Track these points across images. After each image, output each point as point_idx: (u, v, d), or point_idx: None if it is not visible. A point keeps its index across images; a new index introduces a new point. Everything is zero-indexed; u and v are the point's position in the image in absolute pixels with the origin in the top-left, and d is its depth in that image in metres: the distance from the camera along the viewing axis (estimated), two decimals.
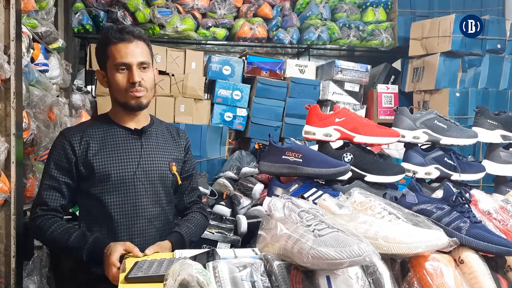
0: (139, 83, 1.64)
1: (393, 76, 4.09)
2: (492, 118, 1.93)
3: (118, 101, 1.70)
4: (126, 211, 1.65)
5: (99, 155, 1.65)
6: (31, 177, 2.22)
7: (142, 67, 1.66)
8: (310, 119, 1.73)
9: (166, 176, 1.73)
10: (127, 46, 1.65)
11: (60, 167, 1.65)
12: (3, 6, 1.86)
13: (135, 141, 1.71)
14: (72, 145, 1.65)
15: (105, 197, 1.64)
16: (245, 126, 3.76)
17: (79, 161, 1.65)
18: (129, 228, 1.66)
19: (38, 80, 2.44)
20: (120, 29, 1.66)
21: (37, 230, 1.64)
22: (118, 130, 1.71)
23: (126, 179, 1.65)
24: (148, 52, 1.71)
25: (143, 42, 1.69)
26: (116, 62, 1.64)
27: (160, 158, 1.73)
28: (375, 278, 1.08)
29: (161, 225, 1.72)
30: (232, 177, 3.23)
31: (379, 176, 1.72)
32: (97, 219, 1.67)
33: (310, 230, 1.06)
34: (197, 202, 1.88)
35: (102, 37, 1.71)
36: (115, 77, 1.66)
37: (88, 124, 1.75)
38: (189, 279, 0.93)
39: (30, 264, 2.17)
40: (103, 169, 1.64)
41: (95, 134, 1.69)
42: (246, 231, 2.81)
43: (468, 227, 1.24)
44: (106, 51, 1.67)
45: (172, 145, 1.81)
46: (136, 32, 1.68)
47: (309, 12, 4.12)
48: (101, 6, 3.86)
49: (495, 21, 3.63)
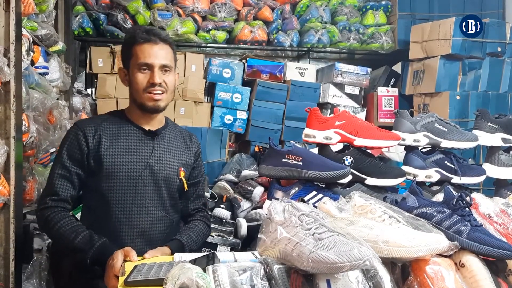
0: (159, 84, 1.66)
1: (393, 79, 4.08)
2: (493, 121, 1.93)
3: (136, 101, 1.71)
4: (129, 210, 1.66)
5: (110, 150, 1.66)
6: (30, 180, 2.22)
7: (164, 69, 1.68)
8: (310, 122, 1.72)
9: (172, 180, 1.73)
10: (152, 47, 1.66)
11: (73, 157, 1.66)
12: (3, 9, 1.86)
13: (147, 142, 1.71)
14: (86, 137, 1.66)
15: (110, 194, 1.65)
16: (245, 129, 3.75)
17: (90, 154, 1.66)
18: (131, 229, 1.66)
19: (38, 83, 2.44)
20: (147, 30, 1.69)
21: (45, 222, 1.62)
22: (132, 128, 1.72)
23: (132, 178, 1.66)
24: (172, 56, 1.73)
25: (168, 46, 1.71)
26: (139, 62, 1.66)
27: (169, 161, 1.74)
28: (375, 282, 1.07)
29: (164, 228, 1.72)
30: (232, 180, 3.22)
31: (380, 179, 1.71)
32: (100, 218, 1.66)
33: (310, 233, 1.05)
34: (201, 209, 1.86)
35: (129, 36, 1.74)
36: (136, 76, 1.67)
37: (103, 119, 1.75)
38: (189, 283, 0.93)
39: (29, 267, 2.17)
40: (112, 165, 1.64)
41: (108, 130, 1.70)
42: (246, 234, 2.80)
43: (468, 231, 1.24)
44: (131, 49, 1.69)
45: (183, 150, 1.81)
46: (162, 35, 1.69)
47: (309, 15, 4.12)
48: (102, 9, 3.87)
49: (495, 24, 3.63)
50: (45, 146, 2.35)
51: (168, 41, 1.72)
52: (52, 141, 2.42)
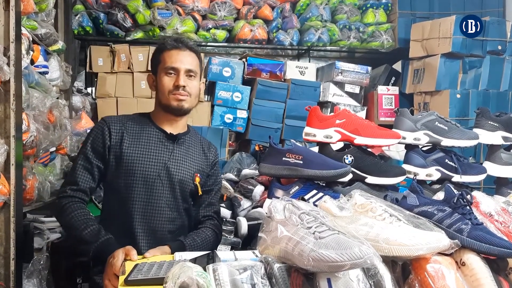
0: (183, 87, 1.76)
1: (394, 77, 4.08)
2: (493, 119, 1.92)
3: (161, 103, 1.80)
4: (144, 209, 1.73)
5: (131, 148, 1.75)
6: (30, 179, 2.22)
7: (189, 74, 1.79)
8: (310, 121, 1.72)
9: (187, 184, 1.79)
10: (178, 53, 1.79)
11: (96, 150, 1.76)
12: (3, 8, 1.86)
13: (168, 145, 1.80)
14: (110, 132, 1.76)
15: (127, 191, 1.73)
16: (245, 128, 3.75)
17: (112, 148, 1.75)
18: (144, 226, 1.72)
19: (38, 82, 2.43)
20: (176, 39, 1.84)
21: (60, 210, 1.70)
22: (154, 130, 1.81)
23: (149, 177, 1.73)
24: (198, 64, 1.84)
25: (194, 54, 1.83)
26: (166, 66, 1.78)
27: (187, 166, 1.81)
28: (376, 281, 1.07)
29: (174, 228, 1.78)
30: (232, 179, 3.22)
31: (380, 178, 1.71)
32: (116, 212, 1.75)
33: (310, 232, 1.05)
34: (212, 217, 1.87)
35: (159, 44, 1.87)
36: (162, 79, 1.79)
37: (129, 118, 1.85)
38: (189, 282, 0.93)
39: (29, 267, 2.16)
40: (131, 162, 1.73)
41: (132, 129, 1.79)
42: (246, 233, 2.80)
43: (469, 229, 1.24)
44: (159, 56, 1.82)
45: (201, 157, 1.88)
46: (189, 44, 1.83)
47: (309, 13, 4.12)
48: (101, 8, 3.86)
49: (495, 23, 3.63)
50: (45, 145, 2.34)
51: (194, 50, 1.84)
52: (52, 140, 2.41)
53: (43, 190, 2.41)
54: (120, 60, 3.67)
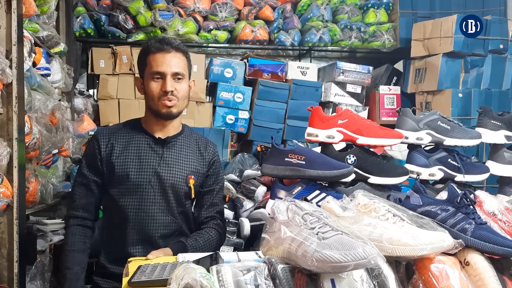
0: (171, 92, 1.71)
1: (395, 77, 4.08)
2: (496, 118, 1.92)
3: (151, 108, 1.77)
4: (139, 215, 1.72)
5: (121, 157, 1.74)
6: (33, 181, 2.22)
7: (177, 77, 1.74)
8: (312, 121, 1.72)
9: (179, 187, 1.76)
10: (164, 56, 1.72)
11: (90, 165, 1.77)
12: (5, 11, 1.86)
13: (157, 150, 1.77)
14: (99, 145, 1.76)
15: (121, 199, 1.72)
16: (247, 128, 3.75)
17: (104, 161, 1.75)
18: (140, 232, 1.71)
19: (40, 84, 2.44)
20: (160, 40, 1.75)
21: (64, 237, 1.81)
22: (143, 136, 1.78)
23: (142, 184, 1.72)
24: (186, 64, 1.78)
25: (181, 54, 1.76)
26: (152, 71, 1.73)
27: (178, 169, 1.77)
28: (380, 281, 1.07)
29: (170, 232, 1.75)
30: (234, 179, 3.22)
31: (383, 177, 1.71)
32: (114, 221, 1.75)
33: (314, 232, 1.05)
34: (215, 217, 1.85)
35: (144, 46, 1.81)
36: (150, 85, 1.73)
37: (119, 128, 1.84)
38: (193, 283, 0.93)
39: (33, 269, 2.17)
40: (121, 171, 1.72)
41: (121, 138, 1.78)
42: (249, 234, 2.80)
43: (473, 229, 1.23)
44: (145, 59, 1.76)
45: (195, 158, 1.83)
46: (175, 43, 1.75)
47: (310, 14, 4.12)
48: (103, 10, 3.87)
49: (497, 21, 3.62)
50: (48, 148, 2.35)
51: (181, 49, 1.76)
52: (54, 143, 2.42)
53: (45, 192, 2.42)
54: (121, 62, 3.68)
